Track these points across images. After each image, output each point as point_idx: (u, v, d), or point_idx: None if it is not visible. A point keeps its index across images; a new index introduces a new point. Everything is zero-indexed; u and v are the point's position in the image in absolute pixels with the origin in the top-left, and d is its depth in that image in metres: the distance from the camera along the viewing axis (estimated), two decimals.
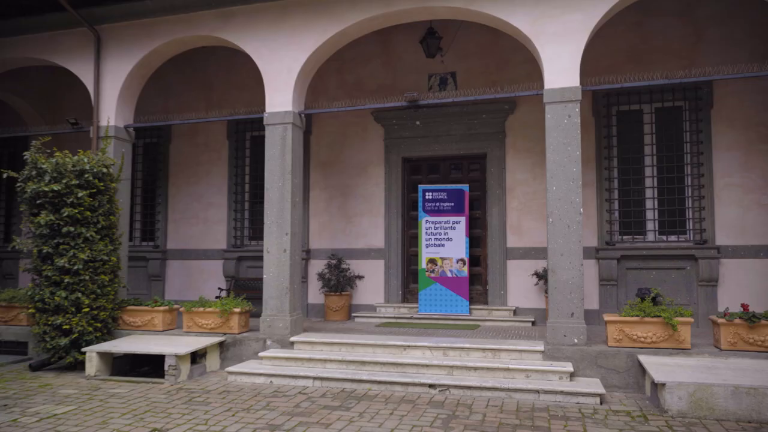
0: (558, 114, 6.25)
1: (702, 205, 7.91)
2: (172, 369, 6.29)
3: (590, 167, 8.33)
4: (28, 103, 10.45)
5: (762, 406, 4.76)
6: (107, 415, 5.03)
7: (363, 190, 9.28)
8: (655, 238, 8.16)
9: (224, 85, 10.02)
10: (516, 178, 8.64)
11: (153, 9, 7.53)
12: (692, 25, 8.01)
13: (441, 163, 9.22)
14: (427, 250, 8.68)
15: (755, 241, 7.69)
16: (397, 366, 6.19)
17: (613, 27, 7.85)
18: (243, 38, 7.37)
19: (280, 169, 7.16)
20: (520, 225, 8.57)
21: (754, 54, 7.67)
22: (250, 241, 9.95)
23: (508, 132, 8.70)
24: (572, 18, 6.27)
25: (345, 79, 9.39)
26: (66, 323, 6.71)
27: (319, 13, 7.07)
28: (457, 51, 8.83)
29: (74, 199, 6.67)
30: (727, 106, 7.89)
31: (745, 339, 5.71)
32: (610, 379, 5.86)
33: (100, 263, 6.97)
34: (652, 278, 8.00)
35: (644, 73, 7.74)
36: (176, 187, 10.21)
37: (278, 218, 7.12)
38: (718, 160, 7.91)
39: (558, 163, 6.21)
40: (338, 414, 5.01)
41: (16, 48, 8.22)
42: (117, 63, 7.82)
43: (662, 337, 5.87)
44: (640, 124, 8.30)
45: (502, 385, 5.62)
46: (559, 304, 6.13)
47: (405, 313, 8.71)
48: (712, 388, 4.88)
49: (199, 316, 7.20)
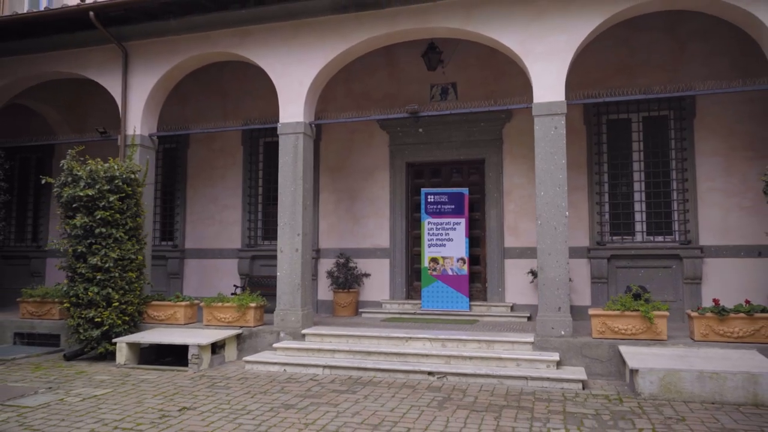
0: (545, 126, 6.82)
1: (686, 208, 8.44)
2: (194, 358, 6.94)
3: (582, 172, 8.88)
4: (56, 110, 11.15)
5: (723, 389, 5.33)
6: (141, 396, 5.67)
7: (369, 193, 9.89)
8: (643, 239, 8.70)
9: (238, 94, 10.66)
10: (513, 182, 9.21)
11: (176, 28, 8.18)
12: (676, 39, 8.54)
13: (442, 167, 9.81)
14: (429, 249, 9.26)
15: (736, 242, 8.20)
16: (400, 356, 6.79)
17: (602, 42, 8.36)
18: (258, 54, 8.01)
19: (292, 175, 7.78)
20: (517, 226, 9.14)
21: (733, 66, 8.18)
22: (263, 240, 10.59)
23: (505, 139, 9.27)
24: (558, 39, 6.84)
25: (352, 88, 10.00)
26: (98, 316, 7.37)
27: (327, 33, 7.69)
28: (458, 62, 9.41)
29: (106, 203, 7.34)
30: (709, 116, 8.42)
31: (716, 331, 6.26)
32: (594, 368, 6.43)
33: (128, 261, 7.62)
34: (640, 276, 8.55)
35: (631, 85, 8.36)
36: (194, 190, 10.86)
37: (291, 220, 7.75)
38: (702, 166, 8.43)
39: (546, 171, 6.78)
40: (345, 396, 5.62)
41: (50, 63, 8.90)
42: (143, 77, 8.47)
43: (641, 329, 6.43)
44: (629, 132, 8.84)
45: (495, 373, 6.21)
46: (547, 299, 6.71)
47: (409, 309, 9.31)
48: (680, 374, 5.45)
49: (218, 311, 7.84)
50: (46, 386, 6.07)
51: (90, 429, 4.58)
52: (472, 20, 7.22)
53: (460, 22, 7.25)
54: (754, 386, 5.29)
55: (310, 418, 4.88)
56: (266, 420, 4.82)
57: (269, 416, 4.93)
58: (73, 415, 4.96)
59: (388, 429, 4.56)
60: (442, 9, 7.31)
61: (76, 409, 5.16)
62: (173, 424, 4.73)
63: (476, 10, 7.20)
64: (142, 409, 5.17)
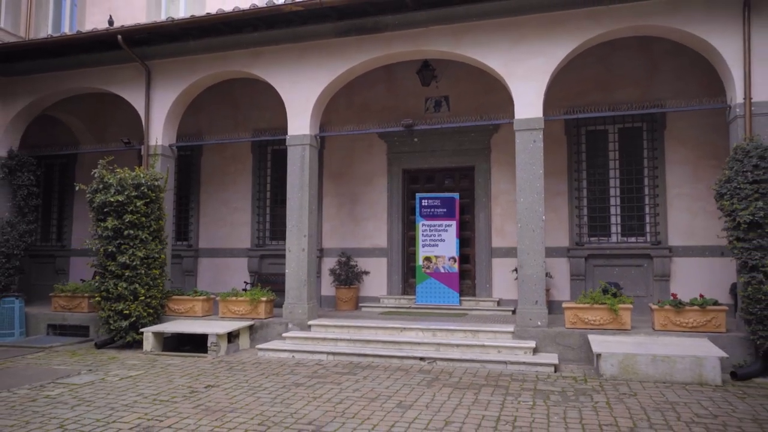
0: (525, 139, 7.68)
1: (657, 212, 9.28)
2: (213, 345, 7.81)
3: (563, 179, 9.73)
4: (80, 120, 12.03)
5: (673, 370, 6.19)
6: (170, 376, 6.55)
7: (369, 197, 10.75)
8: (618, 240, 9.55)
9: (248, 105, 11.52)
10: (500, 188, 10.07)
11: (194, 48, 9.05)
12: (649, 58, 9.37)
13: (436, 174, 10.67)
14: (423, 249, 10.12)
15: (702, 242, 9.04)
16: (395, 344, 7.65)
17: (582, 59, 9.16)
18: (269, 73, 8.87)
19: (299, 182, 8.65)
20: (503, 228, 9.99)
21: (700, 83, 8.98)
22: (271, 241, 11.46)
23: (493, 148, 10.13)
24: (536, 62, 7.69)
25: (353, 100, 10.85)
26: (126, 309, 8.25)
27: (332, 54, 8.55)
28: (450, 77, 10.25)
29: (133, 208, 8.21)
30: (678, 128, 9.26)
31: (674, 321, 7.12)
32: (566, 354, 7.29)
33: (152, 260, 8.50)
34: (615, 274, 9.39)
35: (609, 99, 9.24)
36: (207, 194, 11.74)
37: (298, 222, 8.62)
38: (671, 173, 9.28)
39: (525, 179, 7.64)
40: (347, 377, 6.48)
41: (79, 79, 9.77)
42: (164, 92, 9.34)
43: (608, 320, 7.29)
44: (606, 142, 9.69)
45: (478, 358, 7.07)
46: (526, 293, 7.57)
47: (404, 303, 10.17)
48: (637, 357, 6.31)
49: (233, 304, 8.72)
50: (86, 369, 6.95)
51: (133, 400, 5.46)
52: (460, 44, 8.07)
53: (450, 46, 8.11)
54: (699, 368, 6.15)
55: (317, 393, 5.75)
56: (280, 394, 5.69)
57: (282, 391, 5.80)
58: (115, 390, 5.84)
59: (383, 401, 5.42)
60: (434, 34, 8.16)
61: (117, 386, 6.04)
62: (202, 397, 5.60)
63: (464, 35, 8.05)
64: (173, 386, 6.04)
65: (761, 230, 6.50)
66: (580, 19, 7.64)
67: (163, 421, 4.79)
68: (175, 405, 5.30)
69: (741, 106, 7.02)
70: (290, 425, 4.67)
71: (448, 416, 4.92)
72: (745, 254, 6.54)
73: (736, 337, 6.84)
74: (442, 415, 4.94)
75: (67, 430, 4.57)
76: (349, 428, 4.58)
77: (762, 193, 6.54)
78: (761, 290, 6.37)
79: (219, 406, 5.27)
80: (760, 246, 6.46)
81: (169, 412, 5.07)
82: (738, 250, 6.62)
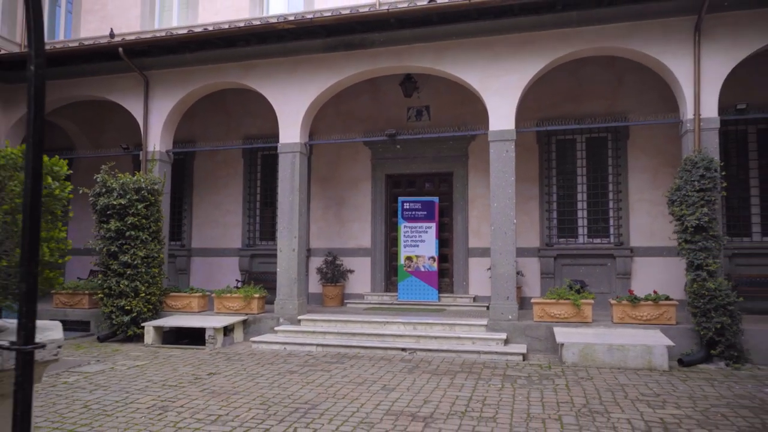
0: (499, 149, 8.41)
1: (620, 215, 10.10)
2: (210, 338, 8.41)
3: (535, 184, 10.50)
4: (76, 125, 12.49)
5: (627, 358, 6.96)
6: (173, 365, 7.14)
7: (354, 200, 11.42)
8: (584, 241, 10.35)
9: (239, 112, 12.10)
10: (476, 192, 10.80)
11: (191, 60, 9.62)
12: (614, 73, 10.18)
13: (417, 179, 11.38)
14: (405, 249, 10.81)
15: (660, 244, 9.86)
16: (379, 336, 8.33)
17: (555, 73, 9.92)
18: (262, 85, 9.48)
19: (290, 187, 9.27)
20: (480, 230, 10.73)
21: (660, 96, 9.79)
22: (261, 241, 12.05)
23: (470, 155, 10.86)
24: (509, 78, 8.43)
25: (340, 109, 11.50)
26: (127, 305, 8.80)
27: (321, 68, 9.19)
28: (431, 89, 10.95)
29: (135, 210, 8.76)
30: (640, 138, 10.08)
31: (630, 315, 7.91)
32: (534, 345, 8.04)
33: (152, 259, 9.06)
34: (581, 272, 10.19)
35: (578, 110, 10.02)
36: (199, 197, 12.29)
37: (288, 224, 9.24)
38: (633, 180, 10.10)
39: (498, 186, 8.37)
40: (335, 365, 7.14)
41: (79, 87, 10.27)
42: (161, 101, 9.89)
43: (571, 314, 8.06)
44: (574, 151, 10.48)
45: (454, 348, 7.78)
46: (498, 290, 8.30)
47: (387, 300, 10.85)
48: (595, 346, 7.08)
49: (227, 300, 9.31)
50: (94, 359, 7.51)
51: (144, 385, 6.06)
52: (441, 61, 8.77)
53: (431, 63, 8.81)
54: (649, 355, 6.94)
55: (310, 378, 6.40)
56: (277, 380, 6.33)
57: (278, 378, 6.44)
58: (126, 378, 6.43)
59: (369, 385, 6.09)
60: (417, 51, 8.85)
61: (127, 374, 6.63)
62: (206, 382, 6.22)
63: (445, 52, 8.76)
64: (178, 374, 6.64)
65: (706, 233, 7.31)
66: (550, 39, 8.39)
67: (175, 402, 5.40)
68: (184, 389, 5.91)
69: (691, 121, 7.84)
70: (288, 404, 5.31)
71: (426, 396, 5.61)
72: (691, 254, 7.35)
73: (684, 328, 7.64)
74: (422, 396, 5.63)
75: (91, 409, 5.16)
76: (341, 406, 5.25)
77: (707, 200, 7.35)
78: (705, 287, 7.18)
79: (223, 389, 5.90)
80: (705, 247, 7.27)
81: (179, 395, 5.68)
82: (686, 251, 7.43)
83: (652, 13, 7.87)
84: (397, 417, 4.90)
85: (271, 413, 5.01)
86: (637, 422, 4.75)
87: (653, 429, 4.57)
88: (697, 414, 4.99)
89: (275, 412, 5.04)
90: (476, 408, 5.20)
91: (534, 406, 5.28)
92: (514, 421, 4.78)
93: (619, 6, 7.86)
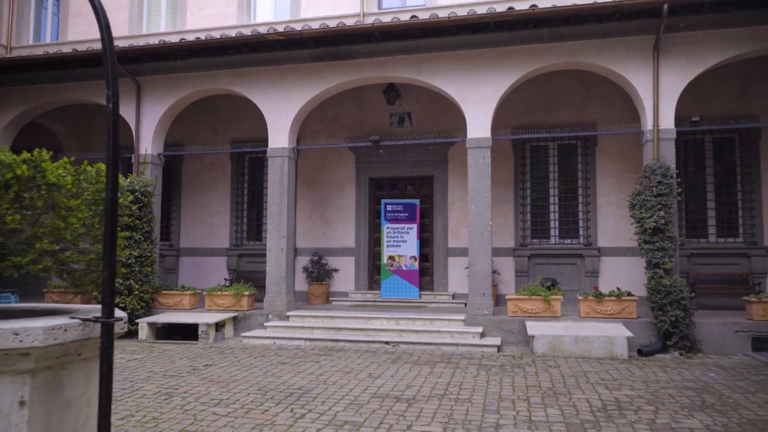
0: (476, 156, 9.01)
1: (589, 217, 10.79)
2: (203, 333, 8.84)
3: (510, 188, 11.14)
4: (64, 127, 12.75)
5: (591, 348, 7.61)
6: (170, 358, 7.57)
7: (339, 202, 11.92)
8: (556, 241, 11.03)
9: (227, 116, 12.51)
10: (455, 195, 11.40)
11: (182, 67, 10.03)
12: (583, 85, 10.87)
13: (399, 182, 11.94)
14: (387, 249, 11.36)
15: (625, 244, 10.56)
16: (364, 330, 8.86)
17: (529, 84, 10.55)
18: (252, 92, 9.93)
19: (279, 190, 9.74)
20: (458, 231, 11.33)
21: (625, 107, 10.49)
22: (248, 241, 12.48)
23: (450, 160, 11.46)
24: (485, 90, 9.03)
25: (325, 115, 11.99)
26: (122, 302, 9.18)
27: (308, 77, 9.69)
28: (412, 96, 11.51)
29: (129, 211, 9.15)
30: (607, 145, 10.80)
31: (595, 310, 8.57)
32: (508, 338, 8.65)
33: (145, 258, 9.45)
34: (553, 271, 10.86)
35: (550, 119, 10.67)
36: (188, 198, 12.66)
37: (277, 225, 9.71)
38: (601, 184, 10.80)
39: (476, 190, 8.97)
40: (324, 357, 7.65)
41: (72, 91, 10.59)
42: (153, 106, 10.27)
43: (542, 309, 8.69)
44: (547, 156, 11.16)
45: (434, 341, 8.35)
46: (475, 287, 8.89)
47: (370, 297, 11.38)
48: (562, 338, 7.72)
49: (218, 298, 9.75)
50: None
51: (146, 375, 6.49)
52: (422, 72, 9.34)
53: (413, 73, 9.37)
54: (611, 345, 7.60)
55: (300, 368, 6.90)
56: (270, 370, 6.82)
57: (271, 368, 6.93)
58: (128, 369, 6.85)
59: (356, 374, 6.62)
60: (399, 62, 9.41)
61: (128, 366, 7.05)
62: (204, 372, 6.68)
63: (425, 64, 9.33)
64: (176, 366, 7.09)
65: (662, 234, 8.01)
66: (523, 54, 9.02)
67: (178, 389, 5.86)
68: (184, 378, 6.36)
69: (651, 132, 8.54)
70: (283, 390, 5.81)
71: (409, 382, 6.16)
72: (649, 254, 8.04)
73: (644, 322, 8.33)
74: (405, 382, 6.18)
75: None
76: (331, 391, 5.77)
77: (664, 204, 8.05)
78: (661, 283, 7.88)
79: (221, 378, 6.37)
80: (661, 247, 7.97)
81: (180, 383, 6.13)
82: (644, 251, 8.12)
83: (615, 32, 8.55)
84: (383, 399, 5.44)
85: (268, 397, 5.51)
86: (595, 401, 5.37)
87: (608, 406, 5.20)
88: (647, 394, 5.64)
89: (272, 396, 5.53)
90: (454, 392, 5.76)
91: (505, 389, 5.87)
92: (487, 401, 5.36)
93: (586, 25, 8.52)
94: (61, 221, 2.26)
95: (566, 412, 5.02)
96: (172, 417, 4.88)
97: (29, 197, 2.17)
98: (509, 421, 4.77)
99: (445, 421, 4.74)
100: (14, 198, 2.12)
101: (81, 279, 2.52)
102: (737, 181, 10.36)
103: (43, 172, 2.22)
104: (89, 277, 2.51)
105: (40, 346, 2.01)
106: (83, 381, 2.37)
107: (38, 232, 2.19)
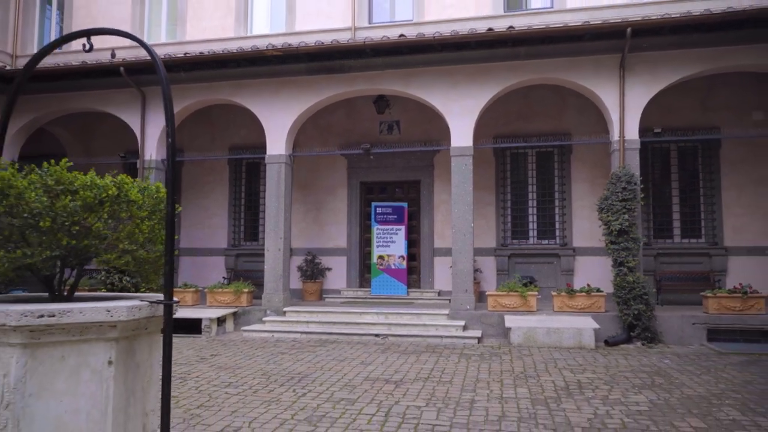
0: (459, 163, 9.78)
1: (564, 219, 11.61)
2: (206, 328, 9.53)
3: (491, 192, 11.93)
4: (68, 132, 13.34)
5: (562, 339, 8.41)
6: (177, 349, 8.24)
7: (332, 205, 12.64)
8: (534, 242, 11.83)
9: (224, 122, 13.17)
10: (441, 199, 12.17)
11: (185, 79, 10.69)
12: (559, 96, 11.67)
13: (388, 186, 12.69)
14: (377, 249, 12.09)
15: (598, 245, 11.27)
16: (355, 324, 9.59)
17: (509, 95, 11.30)
18: (251, 102, 10.62)
19: (276, 194, 10.45)
20: (443, 232, 12.09)
21: (597, 117, 11.29)
22: (245, 242, 13.16)
23: (436, 166, 12.22)
24: (467, 102, 9.81)
25: (318, 123, 12.69)
26: None
27: (304, 89, 10.41)
28: (400, 106, 12.26)
29: None
30: (581, 153, 11.62)
31: (567, 304, 9.38)
32: (488, 331, 9.42)
33: None
34: (531, 270, 11.66)
35: (529, 128, 11.46)
36: (187, 201, 13.31)
37: (275, 227, 10.41)
38: (575, 188, 11.62)
39: (459, 194, 9.74)
40: (320, 348, 8.37)
41: (80, 100, 11.22)
42: (157, 115, 10.92)
43: (519, 304, 9.48)
44: (526, 162, 11.96)
45: (421, 334, 9.10)
46: (458, 284, 9.66)
47: (361, 294, 12.12)
48: (536, 329, 8.51)
49: (219, 295, 10.43)
50: None
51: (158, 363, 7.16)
52: (409, 85, 10.10)
53: (401, 87, 10.12)
54: (579, 336, 8.40)
55: (299, 357, 7.62)
56: (271, 358, 7.53)
57: (272, 357, 7.65)
58: None
59: (350, 361, 7.35)
60: (388, 76, 10.15)
61: None
62: (211, 361, 7.38)
63: (412, 78, 10.08)
64: (184, 356, 7.77)
65: (627, 236, 8.82)
66: (502, 70, 9.81)
67: (190, 374, 6.56)
68: (194, 365, 7.06)
69: (617, 142, 9.36)
70: (285, 375, 6.53)
71: (397, 368, 6.90)
72: (615, 253, 8.86)
73: (611, 315, 9.14)
74: (393, 368, 6.92)
75: None
76: (328, 375, 6.49)
77: (628, 208, 8.87)
78: (626, 280, 8.69)
79: (228, 365, 7.07)
80: (626, 247, 8.79)
81: (191, 369, 6.83)
82: (611, 250, 8.93)
83: (585, 51, 9.36)
84: (374, 381, 6.18)
85: (273, 380, 6.23)
86: (560, 382, 6.15)
87: (570, 386, 5.98)
88: (606, 377, 6.43)
89: (275, 380, 6.25)
90: (436, 375, 6.52)
91: (482, 373, 6.64)
92: (465, 383, 6.12)
93: (558, 44, 9.32)
94: (136, 228, 2.97)
95: (533, 391, 5.79)
96: (189, 396, 5.58)
97: (117, 210, 2.89)
98: (483, 398, 5.53)
99: (428, 398, 5.49)
100: (109, 212, 2.83)
101: (144, 270, 3.23)
102: (700, 186, 11.24)
103: (126, 192, 2.92)
104: (149, 267, 3.21)
105: (124, 320, 2.72)
106: (147, 350, 3.08)
107: (120, 236, 2.90)
